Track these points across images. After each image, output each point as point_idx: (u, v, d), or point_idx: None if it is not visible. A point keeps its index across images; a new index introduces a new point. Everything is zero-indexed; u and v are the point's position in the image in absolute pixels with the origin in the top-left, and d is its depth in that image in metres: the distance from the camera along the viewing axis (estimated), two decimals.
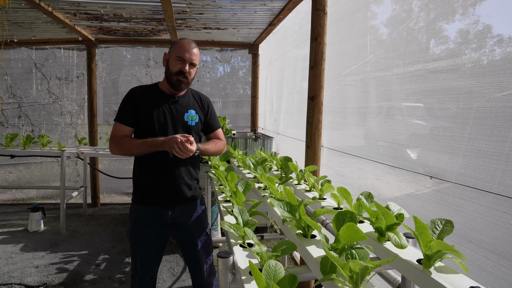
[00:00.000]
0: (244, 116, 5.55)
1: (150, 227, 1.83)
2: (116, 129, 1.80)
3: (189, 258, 1.94)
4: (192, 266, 1.94)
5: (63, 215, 3.99)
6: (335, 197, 1.47)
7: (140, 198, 1.85)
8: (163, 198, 1.81)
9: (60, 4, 3.29)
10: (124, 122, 1.79)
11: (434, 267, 0.86)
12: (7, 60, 5.06)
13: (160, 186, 1.80)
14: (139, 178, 1.86)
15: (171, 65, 1.78)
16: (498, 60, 1.23)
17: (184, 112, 1.87)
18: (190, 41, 1.81)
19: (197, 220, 1.92)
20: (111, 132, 1.82)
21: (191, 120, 1.87)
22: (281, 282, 0.82)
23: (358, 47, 2.23)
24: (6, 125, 5.17)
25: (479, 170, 1.28)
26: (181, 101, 1.88)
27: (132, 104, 1.79)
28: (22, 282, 2.86)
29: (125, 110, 1.80)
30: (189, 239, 1.90)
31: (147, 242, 1.83)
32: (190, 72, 1.80)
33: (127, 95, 1.83)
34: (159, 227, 1.85)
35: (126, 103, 1.81)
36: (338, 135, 2.48)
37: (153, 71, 5.37)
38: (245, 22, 3.94)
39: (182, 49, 1.76)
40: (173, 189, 1.82)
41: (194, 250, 1.90)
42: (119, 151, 1.76)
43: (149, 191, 1.82)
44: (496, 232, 1.20)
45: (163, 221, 1.84)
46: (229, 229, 1.22)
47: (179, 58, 1.76)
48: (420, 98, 1.63)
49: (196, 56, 1.81)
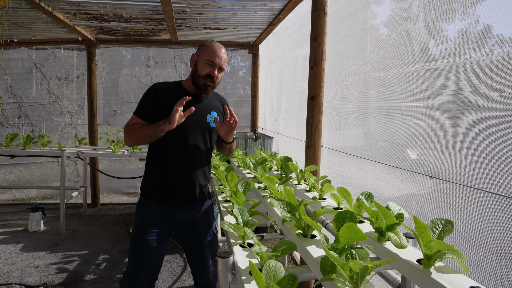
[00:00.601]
0: (244, 116, 5.55)
1: (157, 223, 1.78)
2: (131, 121, 1.75)
3: (194, 258, 1.88)
4: (197, 267, 1.88)
5: (63, 215, 3.99)
6: (335, 197, 1.47)
7: (150, 194, 1.80)
8: (175, 197, 1.77)
9: (60, 4, 3.29)
10: (141, 116, 1.73)
11: (434, 267, 0.86)
12: (7, 60, 5.06)
13: (173, 184, 1.76)
14: (151, 174, 1.81)
15: (199, 68, 1.74)
16: (498, 60, 1.23)
17: (207, 113, 1.83)
18: (221, 45, 1.77)
19: (204, 219, 1.88)
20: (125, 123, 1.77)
21: (212, 122, 1.84)
22: (281, 282, 0.82)
23: (358, 47, 2.23)
24: (6, 125, 5.17)
25: (479, 170, 1.28)
26: (205, 102, 1.85)
27: (153, 99, 1.74)
28: (22, 282, 2.86)
29: (145, 104, 1.75)
30: (195, 238, 1.85)
31: (149, 239, 1.76)
32: (218, 76, 1.76)
33: (149, 89, 1.78)
34: (166, 225, 1.80)
35: (147, 98, 1.76)
36: (338, 135, 2.48)
37: (153, 71, 5.37)
38: (245, 22, 3.94)
39: (213, 53, 1.72)
40: (187, 188, 1.79)
41: (200, 250, 1.85)
42: (129, 139, 1.70)
43: (161, 188, 1.77)
44: (496, 232, 1.20)
45: (171, 220, 1.80)
46: (229, 229, 1.23)
47: (209, 62, 1.72)
48: (420, 98, 1.63)
49: (225, 61, 1.77)
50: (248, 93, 5.53)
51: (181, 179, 1.77)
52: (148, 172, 1.83)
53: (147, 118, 1.73)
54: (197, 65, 1.76)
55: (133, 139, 1.70)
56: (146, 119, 1.73)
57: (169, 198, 1.77)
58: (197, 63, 1.76)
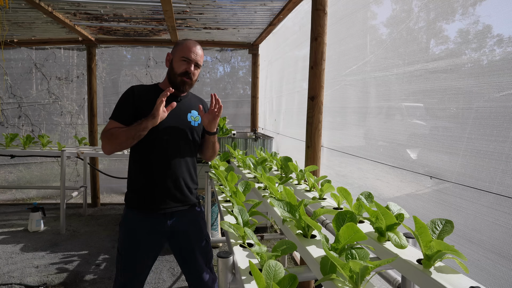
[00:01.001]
0: (244, 116, 5.55)
1: (146, 237, 1.69)
2: (108, 126, 1.65)
3: (186, 268, 1.79)
4: (190, 276, 1.79)
5: (63, 215, 3.99)
6: (335, 197, 1.47)
7: (136, 203, 1.71)
8: (161, 202, 1.69)
9: (60, 4, 3.29)
10: (119, 119, 1.65)
11: (434, 267, 0.86)
12: (7, 60, 5.06)
13: (157, 188, 1.68)
14: (135, 180, 1.72)
15: (175, 65, 1.71)
16: (498, 60, 1.23)
17: (187, 112, 1.80)
18: (195, 42, 1.75)
19: (196, 226, 1.81)
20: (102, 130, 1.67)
21: (194, 121, 1.80)
22: (281, 282, 0.82)
23: (358, 47, 2.23)
24: (6, 125, 5.17)
25: (479, 170, 1.28)
26: (184, 101, 1.82)
27: (130, 102, 1.69)
28: (22, 282, 2.86)
29: (122, 108, 1.68)
30: (187, 247, 1.77)
31: (140, 254, 1.69)
32: (194, 73, 1.74)
33: (125, 93, 1.72)
34: (156, 237, 1.71)
35: (124, 101, 1.70)
36: (338, 135, 2.48)
37: (153, 71, 5.37)
38: (245, 22, 3.94)
39: (188, 49, 1.70)
40: (173, 192, 1.71)
41: (193, 259, 1.77)
42: (109, 144, 1.60)
43: (146, 194, 1.68)
44: (496, 232, 1.20)
45: (161, 231, 1.71)
46: (229, 229, 1.23)
47: (185, 58, 1.69)
48: (420, 98, 1.63)
49: (201, 57, 1.75)
50: (248, 93, 5.53)
51: (166, 182, 1.70)
52: (130, 179, 1.75)
53: (126, 121, 1.65)
54: (173, 63, 1.73)
55: (113, 144, 1.60)
56: (124, 122, 1.65)
57: (154, 203, 1.69)
58: (173, 61, 1.73)
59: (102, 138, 1.63)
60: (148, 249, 1.71)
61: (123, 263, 1.70)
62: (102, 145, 1.63)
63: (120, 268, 1.72)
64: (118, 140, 1.59)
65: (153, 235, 1.71)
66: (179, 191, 1.73)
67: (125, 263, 1.70)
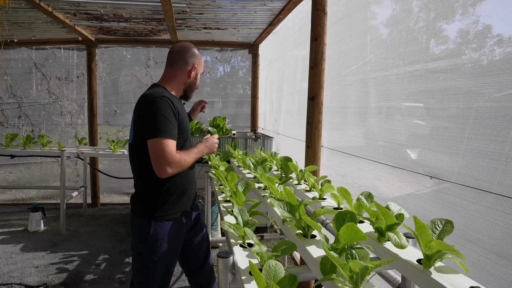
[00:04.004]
0: (244, 116, 5.55)
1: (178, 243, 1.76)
2: (171, 147, 1.53)
3: (191, 256, 1.94)
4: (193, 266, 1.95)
5: (63, 215, 3.99)
6: (335, 197, 1.47)
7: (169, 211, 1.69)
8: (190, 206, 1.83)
9: (60, 4, 3.29)
10: (174, 137, 1.58)
11: (434, 267, 0.86)
12: (7, 60, 5.06)
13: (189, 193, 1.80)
14: (166, 191, 1.67)
15: (198, 79, 1.85)
16: (498, 60, 1.23)
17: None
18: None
19: (198, 217, 1.97)
20: (161, 153, 1.50)
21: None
22: (281, 282, 0.82)
23: (358, 47, 2.23)
24: (6, 125, 5.17)
25: (479, 170, 1.28)
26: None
27: (175, 115, 1.61)
28: (22, 282, 2.86)
29: (171, 124, 1.57)
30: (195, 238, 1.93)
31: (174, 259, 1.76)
32: None
33: (166, 105, 1.57)
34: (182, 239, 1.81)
35: (169, 115, 1.57)
36: (338, 135, 2.48)
37: (153, 71, 5.37)
38: (245, 22, 3.94)
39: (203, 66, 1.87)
40: (195, 194, 1.90)
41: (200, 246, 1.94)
42: (178, 168, 1.57)
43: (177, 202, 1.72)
44: (496, 232, 1.20)
45: (185, 231, 1.82)
46: (229, 229, 1.23)
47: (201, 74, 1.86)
48: (419, 98, 1.63)
49: None
50: (248, 93, 5.53)
51: (193, 187, 1.85)
52: (159, 190, 1.66)
53: (176, 137, 1.61)
54: (196, 76, 1.83)
55: (181, 169, 1.60)
56: (176, 138, 1.60)
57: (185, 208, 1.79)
58: (197, 75, 1.83)
59: (174, 167, 1.54)
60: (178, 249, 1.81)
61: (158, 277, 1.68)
62: (168, 171, 1.53)
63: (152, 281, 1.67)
64: (185, 167, 1.64)
65: (183, 236, 1.82)
66: (196, 192, 1.94)
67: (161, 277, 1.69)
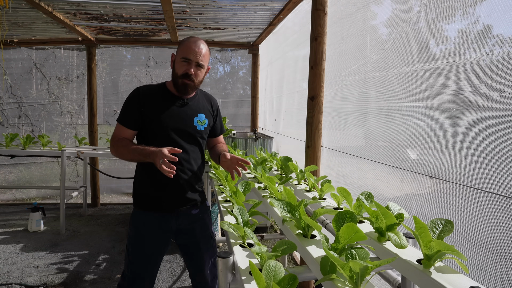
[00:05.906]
0: (244, 116, 5.55)
1: (153, 235, 1.73)
2: (117, 131, 1.69)
3: (192, 263, 1.84)
4: (195, 270, 1.85)
5: (63, 215, 3.99)
6: (335, 197, 1.47)
7: (143, 204, 1.74)
8: (169, 203, 1.72)
9: (60, 4, 3.29)
10: (126, 124, 1.68)
11: (434, 267, 0.86)
12: (7, 60, 5.06)
13: (166, 190, 1.70)
14: (142, 182, 1.74)
15: (176, 67, 1.66)
16: (498, 60, 1.23)
17: (194, 116, 1.75)
18: (197, 40, 1.67)
19: (201, 223, 1.83)
20: (112, 133, 1.72)
21: (200, 125, 1.76)
22: (281, 282, 0.82)
23: (358, 47, 2.23)
24: (6, 125, 5.16)
25: (479, 170, 1.28)
26: (191, 104, 1.76)
27: (136, 105, 1.67)
28: (22, 282, 2.86)
29: (128, 111, 1.68)
30: (192, 243, 1.81)
31: (148, 251, 1.73)
32: (197, 74, 1.66)
33: (131, 94, 1.70)
34: (163, 235, 1.75)
35: (129, 104, 1.68)
36: (338, 135, 2.48)
37: (153, 71, 5.37)
38: (245, 22, 3.94)
39: (187, 49, 1.62)
40: (181, 194, 1.73)
41: (198, 254, 1.81)
42: (114, 153, 1.68)
43: (154, 196, 1.71)
44: (496, 232, 1.20)
45: (168, 229, 1.74)
46: (229, 229, 1.23)
47: (185, 59, 1.62)
48: (419, 98, 1.63)
49: (204, 56, 1.66)
50: (248, 93, 5.53)
51: (173, 185, 1.69)
52: (138, 181, 1.77)
53: (132, 126, 1.68)
54: (175, 64, 1.68)
55: (117, 155, 1.68)
56: (130, 126, 1.68)
57: (161, 204, 1.71)
58: (175, 63, 1.68)
59: (111, 144, 1.70)
60: (154, 246, 1.75)
61: (131, 260, 1.75)
62: (110, 149, 1.71)
63: (128, 264, 1.76)
64: (123, 156, 1.66)
65: (160, 233, 1.74)
66: (185, 193, 1.74)
67: (132, 260, 1.74)
